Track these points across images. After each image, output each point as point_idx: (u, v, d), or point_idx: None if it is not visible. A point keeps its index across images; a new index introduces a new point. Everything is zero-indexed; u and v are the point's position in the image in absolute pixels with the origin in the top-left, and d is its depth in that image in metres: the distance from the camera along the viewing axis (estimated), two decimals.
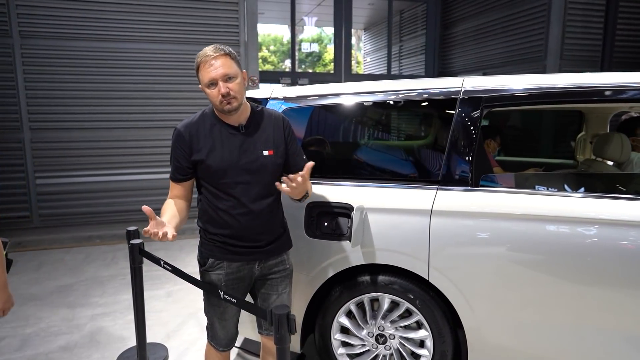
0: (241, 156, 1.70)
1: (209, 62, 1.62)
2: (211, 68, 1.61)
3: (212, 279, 1.80)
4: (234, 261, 1.78)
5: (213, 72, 1.61)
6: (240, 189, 1.71)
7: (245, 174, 1.71)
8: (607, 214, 1.71)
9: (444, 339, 2.01)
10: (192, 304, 3.44)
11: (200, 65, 1.65)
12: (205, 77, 1.63)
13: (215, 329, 1.87)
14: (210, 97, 1.66)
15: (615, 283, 1.70)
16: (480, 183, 1.94)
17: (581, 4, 6.24)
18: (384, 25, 9.99)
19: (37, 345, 2.87)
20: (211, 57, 1.62)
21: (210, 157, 1.68)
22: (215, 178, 1.70)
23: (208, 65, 1.62)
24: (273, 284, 1.87)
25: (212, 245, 1.78)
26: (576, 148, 3.34)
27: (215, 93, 1.63)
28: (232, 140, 1.71)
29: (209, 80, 1.62)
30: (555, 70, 6.21)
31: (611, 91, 1.80)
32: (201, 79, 1.66)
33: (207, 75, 1.63)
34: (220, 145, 1.70)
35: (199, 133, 1.71)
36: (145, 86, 5.69)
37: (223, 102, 1.63)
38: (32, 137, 5.37)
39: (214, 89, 1.63)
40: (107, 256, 4.69)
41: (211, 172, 1.70)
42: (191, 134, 1.70)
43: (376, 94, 2.22)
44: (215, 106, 1.69)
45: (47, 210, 5.53)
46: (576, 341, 1.79)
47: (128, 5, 5.50)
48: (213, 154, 1.69)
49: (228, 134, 1.71)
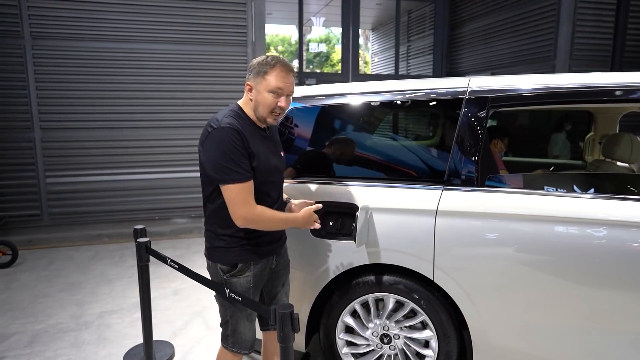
0: (273, 156, 1.76)
1: (285, 71, 1.64)
2: (285, 78, 1.63)
3: (240, 282, 1.75)
4: (262, 259, 1.78)
5: (285, 84, 1.63)
6: (274, 187, 1.77)
7: (277, 173, 1.78)
8: (615, 215, 1.70)
9: (449, 339, 2.00)
10: (198, 303, 3.47)
11: (272, 69, 1.62)
12: (274, 83, 1.62)
13: (240, 333, 1.81)
14: (264, 101, 1.63)
15: (622, 285, 1.68)
16: (486, 183, 1.93)
17: (591, 3, 6.17)
18: (392, 25, 9.97)
19: (46, 342, 2.90)
20: (288, 69, 1.65)
21: (261, 157, 1.66)
22: (260, 178, 1.67)
23: (283, 74, 1.63)
24: (279, 276, 1.94)
25: (240, 250, 1.73)
26: (585, 149, 3.30)
27: (274, 102, 1.63)
28: (265, 142, 1.73)
29: (277, 88, 1.62)
30: (565, 70, 6.15)
31: (620, 91, 1.78)
32: (268, 81, 1.62)
33: (278, 82, 1.62)
34: (261, 145, 1.69)
35: (246, 130, 1.64)
36: (154, 86, 5.74)
37: (274, 113, 1.66)
38: (42, 137, 5.45)
39: (275, 97, 1.63)
40: (116, 254, 4.74)
41: (259, 172, 1.66)
42: (242, 130, 1.62)
43: (382, 94, 2.22)
44: (261, 111, 1.66)
45: (57, 208, 5.60)
46: (583, 344, 1.77)
47: (136, 7, 5.55)
48: (259, 154, 1.66)
49: (261, 136, 1.72)
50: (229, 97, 5.87)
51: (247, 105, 1.70)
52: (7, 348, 2.82)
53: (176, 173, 5.90)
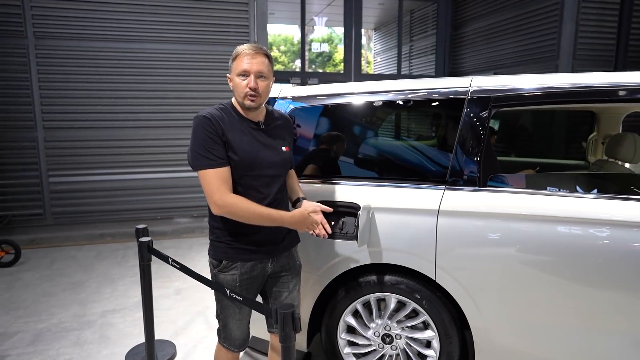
0: (264, 150, 1.73)
1: (249, 55, 1.65)
2: (248, 60, 1.65)
3: (227, 279, 1.76)
4: (248, 261, 1.76)
5: (249, 64, 1.65)
6: (265, 182, 1.73)
7: (269, 167, 1.74)
8: (617, 215, 1.69)
9: (451, 339, 2.00)
10: (200, 302, 3.47)
11: (238, 55, 1.67)
12: (239, 67, 1.66)
13: (230, 329, 1.83)
14: (236, 87, 1.68)
15: (624, 285, 1.68)
16: (488, 183, 1.92)
17: (595, 2, 6.14)
18: (395, 25, 9.95)
19: (49, 341, 2.91)
20: (252, 52, 1.66)
21: (238, 147, 1.66)
22: (240, 170, 1.67)
23: (247, 58, 1.65)
24: (284, 281, 1.89)
25: (226, 247, 1.74)
26: (587, 149, 3.29)
27: (244, 84, 1.66)
28: (254, 135, 1.73)
29: (242, 71, 1.65)
30: (568, 70, 6.13)
31: (624, 91, 1.77)
32: (234, 68, 1.68)
33: (241, 65, 1.65)
34: (245, 137, 1.69)
35: (224, 121, 1.67)
36: (156, 86, 5.75)
37: (247, 96, 1.66)
38: (45, 136, 5.46)
39: (243, 80, 1.66)
40: (118, 254, 4.75)
41: (238, 163, 1.66)
42: (218, 119, 1.65)
43: (384, 94, 2.21)
44: (238, 97, 1.70)
45: (60, 208, 5.62)
46: (585, 344, 1.77)
47: (139, 7, 5.56)
48: (240, 144, 1.67)
49: (250, 129, 1.73)
50: (231, 97, 5.85)
51: (234, 98, 1.75)
52: (10, 347, 2.84)
53: (179, 173, 5.91)
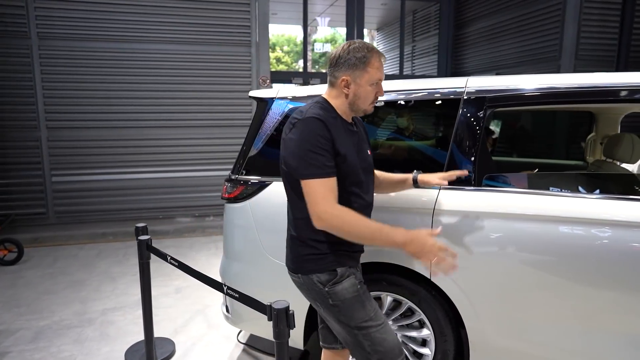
0: (363, 153, 1.61)
1: (382, 60, 1.50)
2: (381, 67, 1.51)
3: (345, 287, 1.54)
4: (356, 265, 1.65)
5: (383, 72, 1.52)
6: (365, 186, 1.60)
7: (368, 171, 1.64)
8: (614, 215, 1.70)
9: (446, 338, 2.01)
10: (200, 301, 3.50)
11: (373, 58, 1.49)
12: (377, 75, 1.51)
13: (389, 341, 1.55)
14: (366, 94, 1.52)
15: (620, 285, 1.69)
16: (483, 183, 1.93)
17: (597, 3, 6.13)
18: (397, 25, 9.94)
19: (50, 338, 2.95)
20: (382, 56, 1.52)
21: (347, 154, 1.49)
22: (350, 176, 1.52)
23: (381, 63, 1.50)
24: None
25: (334, 256, 1.54)
26: (586, 149, 3.29)
27: (375, 94, 1.53)
28: (353, 138, 1.57)
29: (379, 79, 1.52)
30: (570, 70, 6.12)
31: (626, 91, 1.78)
32: (370, 74, 1.50)
33: (380, 74, 1.51)
34: (348, 140, 1.53)
35: (332, 125, 1.47)
36: (159, 86, 5.79)
37: (373, 104, 1.56)
38: (48, 136, 5.51)
39: (375, 88, 1.52)
40: (119, 253, 4.79)
41: (348, 170, 1.51)
42: (329, 124, 1.46)
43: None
44: (362, 104, 1.54)
45: (63, 207, 5.67)
46: (579, 343, 1.77)
47: (142, 7, 5.60)
48: (347, 150, 1.50)
49: (350, 131, 1.57)
50: (233, 97, 5.90)
51: (335, 98, 1.56)
52: (12, 343, 2.87)
53: (180, 172, 5.94)
